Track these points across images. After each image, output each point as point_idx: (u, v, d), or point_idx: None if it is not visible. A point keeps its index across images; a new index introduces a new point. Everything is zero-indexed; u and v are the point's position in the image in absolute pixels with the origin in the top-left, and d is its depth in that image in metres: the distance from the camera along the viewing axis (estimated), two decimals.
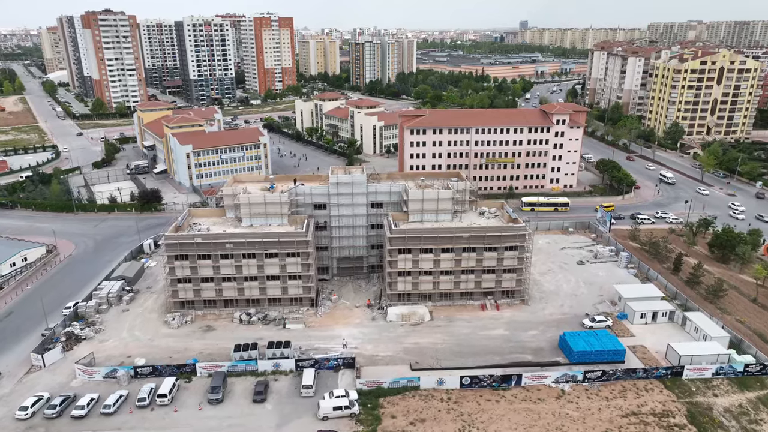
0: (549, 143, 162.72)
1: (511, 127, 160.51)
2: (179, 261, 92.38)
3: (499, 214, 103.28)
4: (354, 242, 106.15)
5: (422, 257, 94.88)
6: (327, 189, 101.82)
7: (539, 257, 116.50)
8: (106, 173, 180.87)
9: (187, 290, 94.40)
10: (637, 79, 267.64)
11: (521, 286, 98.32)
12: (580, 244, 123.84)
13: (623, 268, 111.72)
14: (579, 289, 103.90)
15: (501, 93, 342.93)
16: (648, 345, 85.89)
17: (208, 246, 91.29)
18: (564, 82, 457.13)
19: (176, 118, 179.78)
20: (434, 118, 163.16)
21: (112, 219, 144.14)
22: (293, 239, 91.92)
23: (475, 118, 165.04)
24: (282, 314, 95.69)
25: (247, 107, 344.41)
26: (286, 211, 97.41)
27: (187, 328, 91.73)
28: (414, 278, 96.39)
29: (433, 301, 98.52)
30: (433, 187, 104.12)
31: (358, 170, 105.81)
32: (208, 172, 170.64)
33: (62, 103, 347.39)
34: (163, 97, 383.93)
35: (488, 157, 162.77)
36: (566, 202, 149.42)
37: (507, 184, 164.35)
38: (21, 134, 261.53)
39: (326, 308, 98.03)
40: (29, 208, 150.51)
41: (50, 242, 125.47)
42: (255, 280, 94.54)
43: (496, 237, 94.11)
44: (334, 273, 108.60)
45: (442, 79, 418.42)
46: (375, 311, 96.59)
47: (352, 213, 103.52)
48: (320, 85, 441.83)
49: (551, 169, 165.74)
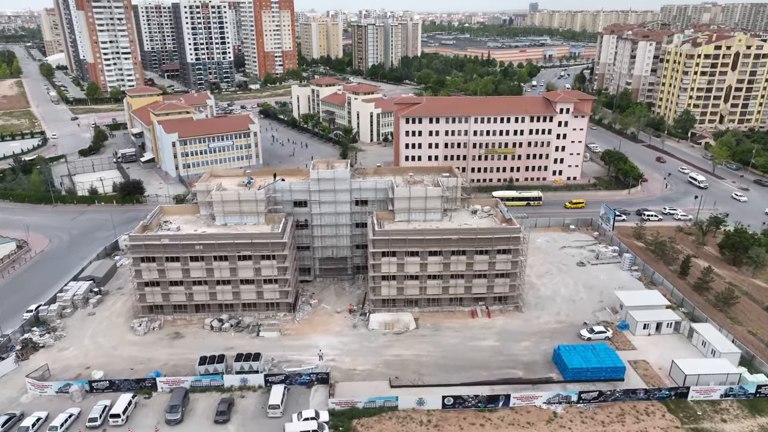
0: (552, 133, 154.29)
1: (512, 116, 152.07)
2: (146, 263, 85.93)
3: (493, 213, 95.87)
4: (337, 242, 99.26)
5: (408, 260, 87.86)
6: (308, 185, 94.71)
7: (537, 257, 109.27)
8: (92, 162, 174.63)
9: (155, 294, 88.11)
10: (647, 65, 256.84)
11: (515, 292, 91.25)
12: (582, 243, 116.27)
13: (626, 271, 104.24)
14: (578, 294, 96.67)
15: (506, 78, 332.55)
16: (651, 360, 78.78)
17: (175, 248, 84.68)
18: (572, 67, 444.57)
19: (163, 105, 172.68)
20: (431, 106, 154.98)
21: (92, 211, 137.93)
22: (267, 241, 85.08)
23: (474, 106, 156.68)
24: (257, 320, 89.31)
25: (246, 92, 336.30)
26: (262, 209, 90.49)
27: (154, 335, 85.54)
28: (399, 283, 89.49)
29: (420, 307, 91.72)
30: (423, 184, 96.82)
31: (342, 165, 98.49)
32: (195, 161, 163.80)
33: (58, 87, 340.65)
34: (162, 81, 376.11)
35: (487, 147, 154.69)
36: (538, 196, 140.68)
37: (507, 176, 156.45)
38: (12, 119, 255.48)
39: (305, 314, 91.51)
40: (6, 199, 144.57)
41: (22, 237, 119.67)
42: (228, 284, 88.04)
43: (488, 239, 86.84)
44: (316, 274, 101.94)
45: (447, 63, 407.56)
46: (357, 317, 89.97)
47: (334, 211, 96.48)
48: (322, 68, 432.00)
49: (554, 160, 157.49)
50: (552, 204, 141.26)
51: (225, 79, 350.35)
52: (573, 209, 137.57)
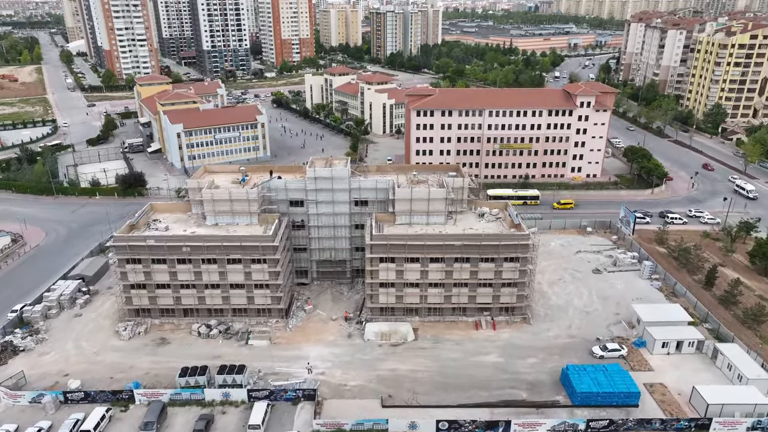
0: (571, 128, 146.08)
1: (529, 109, 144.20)
2: (131, 265, 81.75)
3: (502, 217, 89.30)
4: (335, 244, 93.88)
5: (407, 267, 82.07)
6: (304, 183, 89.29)
7: (549, 263, 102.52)
8: (98, 152, 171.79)
9: (141, 297, 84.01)
10: (676, 55, 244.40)
11: (523, 303, 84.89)
12: (599, 248, 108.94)
13: (646, 280, 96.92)
14: (592, 305, 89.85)
15: (528, 67, 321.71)
16: (669, 383, 71.96)
17: (161, 249, 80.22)
18: (598, 56, 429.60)
19: (169, 95, 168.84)
20: (443, 99, 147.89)
21: (93, 204, 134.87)
22: (258, 244, 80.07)
23: (489, 98, 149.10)
24: (248, 326, 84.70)
25: (261, 80, 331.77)
26: (255, 209, 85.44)
27: (139, 340, 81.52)
28: (398, 290, 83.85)
29: (421, 316, 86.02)
30: (427, 184, 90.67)
31: (341, 162, 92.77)
32: (201, 153, 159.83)
33: (76, 74, 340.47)
34: (179, 68, 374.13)
35: (502, 142, 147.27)
36: (536, 195, 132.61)
37: (522, 173, 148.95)
38: (27, 107, 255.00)
39: (298, 320, 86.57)
40: (9, 189, 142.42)
41: (19, 230, 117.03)
42: (217, 288, 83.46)
43: (494, 246, 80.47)
44: (313, 277, 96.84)
45: (467, 52, 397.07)
46: (353, 326, 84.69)
47: (332, 211, 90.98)
48: (340, 56, 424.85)
49: (573, 156, 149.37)
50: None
51: (241, 67, 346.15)
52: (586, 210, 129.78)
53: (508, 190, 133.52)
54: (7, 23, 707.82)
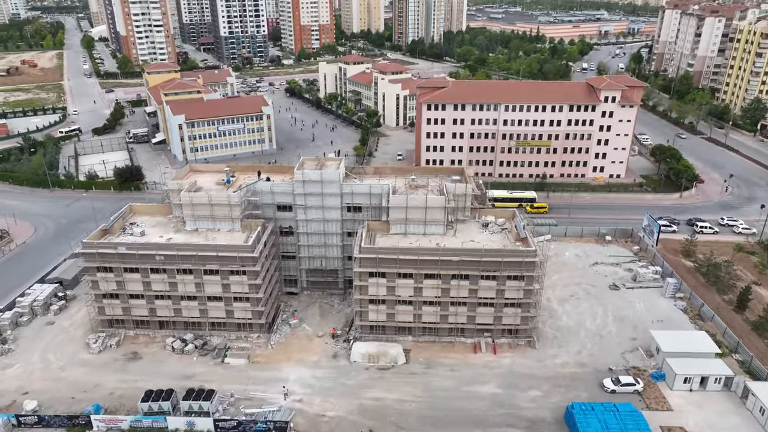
0: (594, 124, 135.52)
1: (548, 104, 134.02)
2: (102, 273, 75.98)
3: (508, 228, 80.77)
4: (326, 252, 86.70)
5: (399, 283, 74.49)
6: (291, 186, 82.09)
7: (562, 276, 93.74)
8: (102, 142, 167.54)
9: (114, 307, 78.35)
10: (714, 44, 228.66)
11: (528, 325, 76.57)
12: (618, 259, 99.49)
13: (669, 298, 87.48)
14: (606, 328, 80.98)
15: (554, 56, 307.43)
16: (690, 426, 63.20)
17: (133, 258, 74.17)
18: (630, 44, 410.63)
19: (172, 84, 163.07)
20: (456, 92, 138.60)
21: (88, 198, 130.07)
22: (236, 254, 73.34)
23: (505, 92, 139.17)
24: (227, 341, 78.46)
25: (278, 67, 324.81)
26: (237, 214, 78.68)
27: (109, 354, 75.94)
28: (389, 308, 76.38)
29: (414, 335, 78.48)
30: (427, 189, 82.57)
31: (334, 164, 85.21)
32: (203, 145, 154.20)
33: (95, 59, 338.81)
34: (198, 54, 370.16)
35: (518, 139, 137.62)
36: (532, 198, 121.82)
37: (540, 172, 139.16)
38: (41, 93, 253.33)
39: (282, 336, 79.93)
40: (6, 181, 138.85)
41: (8, 225, 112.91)
42: (194, 299, 77.25)
43: (496, 263, 72.19)
44: (303, 287, 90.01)
45: (492, 40, 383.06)
46: (340, 344, 77.71)
47: (322, 217, 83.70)
48: (361, 43, 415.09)
49: (595, 155, 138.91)
50: (588, 208, 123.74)
51: (258, 54, 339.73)
52: (605, 215, 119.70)
53: (502, 191, 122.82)
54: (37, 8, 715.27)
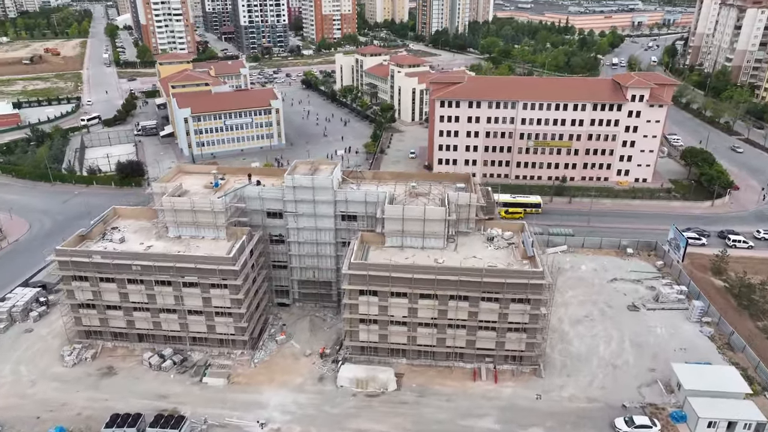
0: (619, 125, 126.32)
1: (570, 102, 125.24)
2: (78, 282, 71.55)
3: (515, 243, 73.59)
4: (319, 263, 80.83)
5: (392, 302, 68.19)
6: (281, 192, 76.29)
7: (576, 293, 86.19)
8: (110, 134, 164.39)
9: (91, 318, 74.00)
10: (755, 37, 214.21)
11: (534, 351, 69.56)
12: (639, 275, 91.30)
13: (694, 323, 79.29)
14: (622, 356, 73.40)
15: (583, 49, 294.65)
16: None
17: (108, 267, 69.43)
18: (664, 36, 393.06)
19: (180, 76, 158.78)
20: (471, 88, 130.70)
21: (88, 193, 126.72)
22: (216, 266, 67.95)
23: (524, 89, 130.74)
24: (208, 356, 73.50)
25: (298, 57, 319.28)
26: (221, 221, 73.28)
27: (84, 367, 71.65)
28: (382, 328, 70.24)
29: (408, 358, 72.25)
30: (428, 198, 75.84)
31: (328, 169, 79.02)
32: (210, 140, 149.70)
33: (117, 48, 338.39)
34: (219, 44, 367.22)
35: (537, 139, 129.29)
36: (537, 203, 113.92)
37: (559, 174, 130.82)
38: (59, 82, 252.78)
39: (267, 353, 74.55)
40: (9, 174, 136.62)
41: (3, 221, 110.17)
42: (173, 312, 72.33)
43: (498, 284, 65.26)
44: (295, 298, 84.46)
45: (518, 30, 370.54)
46: (328, 365, 71.96)
47: (314, 226, 77.77)
48: (384, 33, 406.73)
49: (620, 157, 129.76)
50: (609, 216, 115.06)
51: (279, 44, 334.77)
52: (627, 225, 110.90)
53: (505, 195, 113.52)
54: None
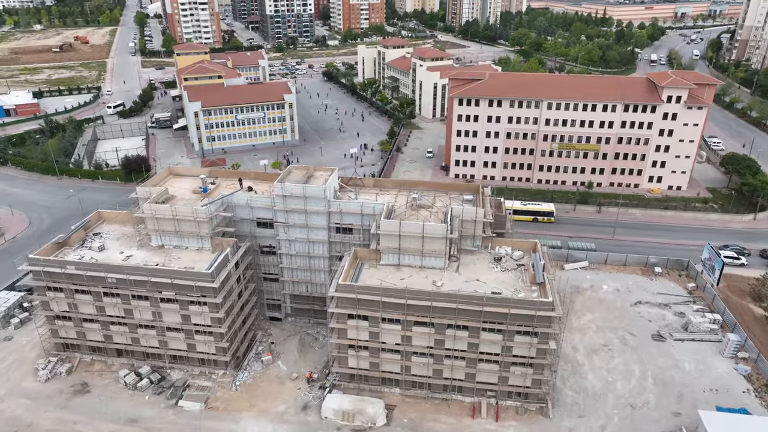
0: (653, 128, 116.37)
1: (599, 102, 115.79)
2: (53, 293, 67.36)
3: (525, 264, 66.09)
4: (312, 277, 74.93)
5: (384, 328, 61.77)
6: (271, 201, 70.44)
7: (595, 317, 78.20)
8: (122, 126, 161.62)
9: (68, 330, 69.88)
10: None
11: (541, 388, 62.28)
12: (667, 299, 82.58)
13: (728, 359, 70.58)
14: (643, 395, 65.44)
15: (620, 42, 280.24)
16: None
17: (82, 278, 64.88)
18: (708, 29, 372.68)
19: (192, 68, 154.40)
20: (492, 85, 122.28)
21: (93, 188, 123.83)
22: (193, 283, 62.60)
23: (549, 87, 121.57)
24: (189, 376, 68.57)
25: (323, 48, 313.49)
26: (205, 231, 67.90)
27: (57, 383, 67.55)
28: (373, 355, 63.97)
29: (402, 388, 65.85)
30: (430, 211, 68.92)
31: (323, 176, 72.72)
32: (221, 134, 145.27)
33: (144, 37, 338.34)
34: (245, 33, 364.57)
35: (562, 141, 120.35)
36: (550, 211, 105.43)
37: (585, 179, 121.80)
38: (83, 71, 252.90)
39: (251, 374, 69.17)
40: (18, 166, 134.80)
41: (4, 215, 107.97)
42: (152, 328, 67.53)
43: (501, 314, 58.09)
44: (287, 312, 78.88)
45: (553, 21, 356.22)
46: (314, 392, 66.16)
47: (306, 237, 71.79)
48: (413, 24, 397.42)
49: (652, 163, 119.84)
50: (637, 228, 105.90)
51: (304, 33, 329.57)
52: (658, 238, 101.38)
53: (515, 202, 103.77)
54: None
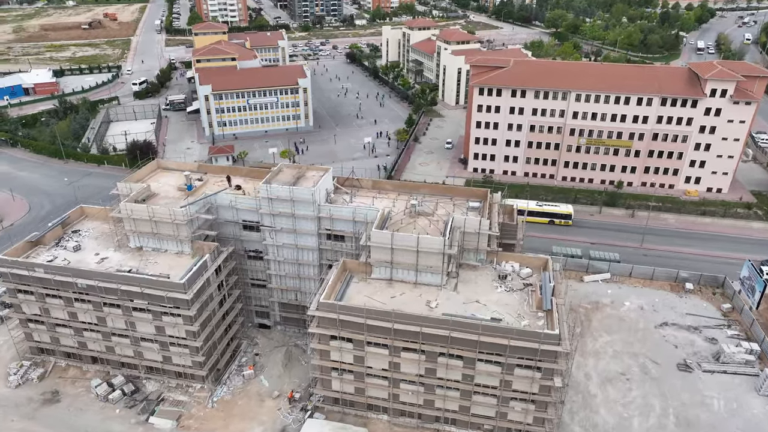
0: (693, 124, 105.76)
1: (633, 95, 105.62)
2: (24, 295, 63.43)
3: (533, 285, 58.69)
4: (301, 285, 69.19)
5: (370, 351, 55.64)
6: (257, 203, 64.60)
7: (613, 338, 70.47)
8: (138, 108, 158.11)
9: (41, 334, 66.11)
10: None
11: (545, 427, 55.31)
12: (698, 321, 73.96)
13: (766, 396, 62.14)
14: None
15: (663, 26, 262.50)
16: None
17: (50, 282, 60.58)
18: (764, 10, 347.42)
19: (205, 49, 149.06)
20: (517, 73, 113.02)
21: (98, 174, 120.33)
22: (164, 293, 57.48)
23: (578, 77, 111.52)
24: (166, 387, 64.12)
25: (350, 28, 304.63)
26: (184, 234, 62.63)
27: (27, 390, 63.96)
28: (357, 380, 58.04)
29: (390, 415, 59.86)
30: (430, 219, 61.97)
31: (314, 177, 66.32)
32: (232, 120, 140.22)
33: (172, 14, 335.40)
34: (273, 11, 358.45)
35: (590, 136, 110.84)
36: (568, 214, 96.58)
37: (614, 178, 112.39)
38: (107, 49, 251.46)
39: (229, 390, 64.24)
40: (27, 148, 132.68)
41: (5, 200, 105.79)
42: (126, 337, 63.07)
43: (500, 345, 51.17)
44: (276, 320, 73.56)
45: (592, 3, 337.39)
46: (295, 413, 60.84)
47: (294, 243, 65.89)
48: (445, 3, 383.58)
49: (690, 162, 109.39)
50: (669, 236, 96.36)
51: (332, 12, 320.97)
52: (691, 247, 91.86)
53: (530, 202, 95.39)
54: None
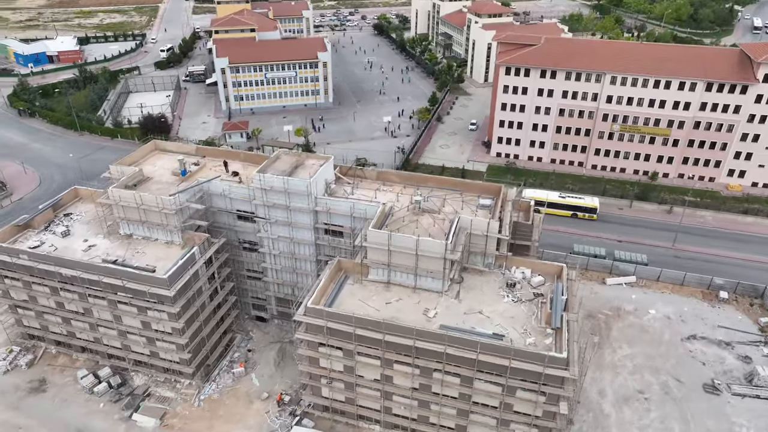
0: (741, 112, 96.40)
1: (674, 78, 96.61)
2: (10, 281, 61.36)
3: (544, 296, 53.21)
4: (298, 280, 65.30)
5: (360, 361, 51.54)
6: (250, 193, 60.44)
7: (634, 351, 64.80)
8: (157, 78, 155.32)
9: (30, 320, 64.29)
10: None
11: None
12: (731, 335, 67.34)
13: None
14: None
15: None
16: None
17: (34, 270, 58.11)
18: None
19: (223, 20, 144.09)
20: (547, 52, 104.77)
21: (110, 148, 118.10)
22: (146, 288, 54.25)
23: (614, 57, 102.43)
24: (153, 381, 61.75)
25: None
26: (173, 223, 59.08)
27: (15, 377, 62.50)
28: (348, 389, 54.18)
29: (383, 426, 56.04)
30: (435, 217, 56.81)
31: (314, 165, 61.57)
32: (249, 94, 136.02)
33: None
34: None
35: (624, 122, 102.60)
36: (593, 207, 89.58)
37: (649, 168, 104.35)
38: (135, 16, 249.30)
39: (217, 389, 61.38)
40: (44, 119, 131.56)
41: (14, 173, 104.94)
42: (113, 329, 60.55)
43: (501, 365, 46.29)
44: (273, 314, 70.17)
45: None
46: (283, 419, 57.63)
47: (290, 237, 61.76)
48: None
49: (735, 154, 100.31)
50: (704, 236, 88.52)
51: None
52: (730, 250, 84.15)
53: (552, 193, 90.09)
54: None
